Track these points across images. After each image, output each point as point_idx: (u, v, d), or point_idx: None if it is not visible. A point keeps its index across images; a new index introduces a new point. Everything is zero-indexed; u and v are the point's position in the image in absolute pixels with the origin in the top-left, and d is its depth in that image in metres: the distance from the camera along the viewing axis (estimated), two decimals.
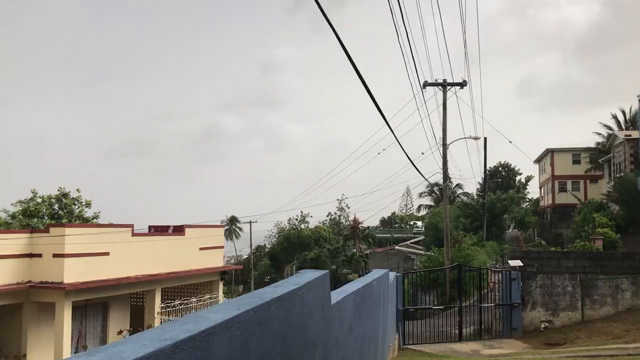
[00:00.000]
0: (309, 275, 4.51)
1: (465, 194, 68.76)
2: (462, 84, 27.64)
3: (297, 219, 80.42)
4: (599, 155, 45.88)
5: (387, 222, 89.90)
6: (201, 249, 23.56)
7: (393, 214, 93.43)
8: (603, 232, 28.05)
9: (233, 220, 79.07)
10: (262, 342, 3.05)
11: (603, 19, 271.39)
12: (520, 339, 18.04)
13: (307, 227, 77.14)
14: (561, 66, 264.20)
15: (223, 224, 70.97)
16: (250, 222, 68.71)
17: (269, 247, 79.29)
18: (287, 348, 3.55)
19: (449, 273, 24.95)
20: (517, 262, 19.39)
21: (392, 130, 13.31)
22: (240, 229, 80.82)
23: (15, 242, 17.29)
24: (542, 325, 18.98)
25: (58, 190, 32.41)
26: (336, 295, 5.59)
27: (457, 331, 18.64)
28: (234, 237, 79.75)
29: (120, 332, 20.17)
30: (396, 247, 55.86)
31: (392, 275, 15.28)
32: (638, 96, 28.27)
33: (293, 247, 69.05)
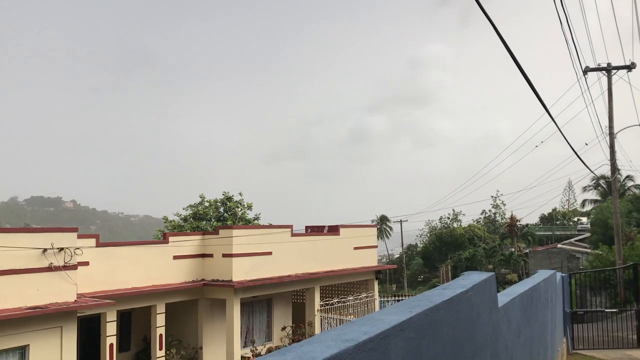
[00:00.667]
0: (475, 277, 4.43)
1: (638, 186, 62.54)
2: (630, 67, 25.20)
3: (448, 218, 78.91)
4: None
5: (547, 219, 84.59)
6: (355, 248, 23.99)
7: (554, 210, 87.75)
8: None
9: (383, 219, 79.48)
10: (433, 345, 3.05)
11: None
12: None
13: (460, 225, 75.26)
14: None
15: (374, 223, 71.70)
16: (400, 221, 68.65)
17: (421, 246, 78.54)
18: (457, 351, 3.52)
19: (622, 273, 22.87)
20: None
21: (553, 120, 12.53)
22: (391, 228, 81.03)
23: (191, 243, 18.94)
24: None
25: (223, 194, 34.92)
26: (503, 298, 5.42)
27: (634, 336, 17.04)
28: (384, 236, 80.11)
29: (284, 328, 21.21)
30: (559, 246, 52.39)
31: (558, 275, 14.39)
32: None
33: (446, 246, 67.70)
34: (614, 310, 20.00)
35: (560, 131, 14.25)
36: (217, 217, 33.90)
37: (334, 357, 2.01)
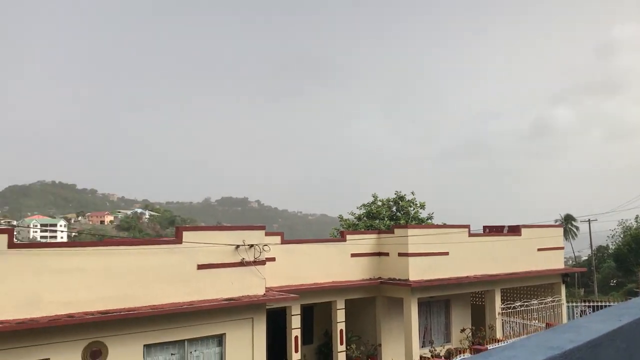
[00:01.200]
0: None
1: None
2: None
3: None
4: None
5: None
6: (539, 249, 22.62)
7: None
8: None
9: (568, 218, 74.07)
10: None
11: None
12: None
13: None
14: None
15: (558, 222, 67.02)
16: (589, 221, 63.40)
17: (613, 247, 71.65)
18: None
19: None
20: None
21: None
22: (577, 228, 75.21)
23: (367, 242, 19.34)
24: None
25: (395, 193, 35.11)
26: None
27: None
28: (570, 237, 74.50)
29: (463, 330, 20.69)
30: None
31: None
32: None
33: None
34: None
35: None
36: (389, 216, 34.18)
37: None
